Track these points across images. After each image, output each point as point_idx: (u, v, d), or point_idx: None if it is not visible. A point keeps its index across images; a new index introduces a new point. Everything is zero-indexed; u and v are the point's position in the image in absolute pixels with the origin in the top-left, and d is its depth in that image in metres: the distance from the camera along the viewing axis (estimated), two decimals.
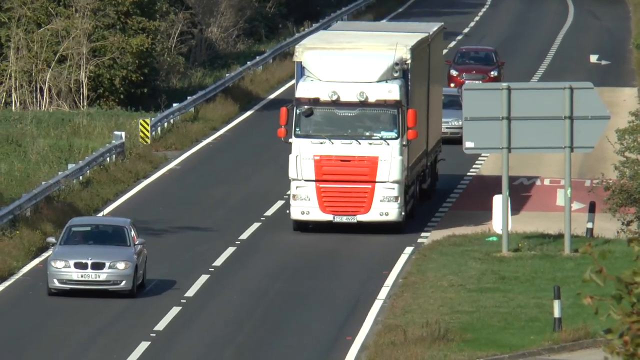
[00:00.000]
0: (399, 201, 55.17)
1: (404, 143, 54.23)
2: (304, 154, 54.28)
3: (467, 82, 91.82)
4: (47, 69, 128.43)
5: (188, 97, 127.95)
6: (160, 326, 65.04)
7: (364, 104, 53.09)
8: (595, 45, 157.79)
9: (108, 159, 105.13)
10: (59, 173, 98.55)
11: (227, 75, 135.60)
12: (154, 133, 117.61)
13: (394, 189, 54.76)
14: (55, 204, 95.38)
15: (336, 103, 53.46)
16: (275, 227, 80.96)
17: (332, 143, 53.68)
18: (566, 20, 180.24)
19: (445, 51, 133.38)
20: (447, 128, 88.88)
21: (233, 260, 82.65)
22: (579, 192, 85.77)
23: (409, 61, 54.82)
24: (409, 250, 70.43)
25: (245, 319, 69.41)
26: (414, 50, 56.31)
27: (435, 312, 71.92)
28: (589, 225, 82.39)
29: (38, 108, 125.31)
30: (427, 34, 62.68)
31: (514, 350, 66.95)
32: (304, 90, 53.98)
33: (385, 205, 54.73)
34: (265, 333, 68.85)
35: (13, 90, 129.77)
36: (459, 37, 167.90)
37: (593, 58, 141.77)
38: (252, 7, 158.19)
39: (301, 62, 55.15)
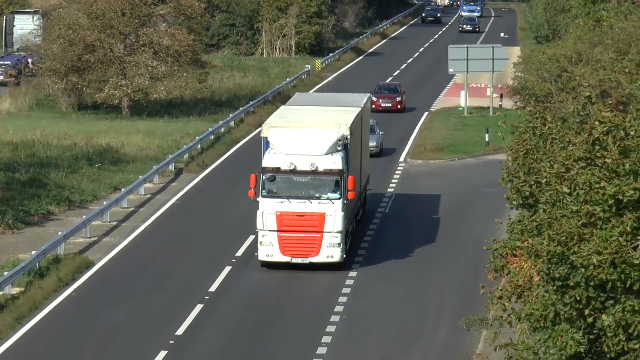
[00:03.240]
0: (341, 246, 41.84)
1: (345, 202, 41.61)
2: (268, 210, 41.33)
3: (382, 104, 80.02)
4: (276, 39, 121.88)
5: (336, 51, 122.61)
6: None
7: (314, 172, 41.18)
8: (502, 28, 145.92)
9: (303, 76, 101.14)
10: (282, 82, 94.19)
11: (351, 42, 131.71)
12: (323, 65, 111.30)
13: (337, 237, 41.59)
14: (281, 95, 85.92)
15: (293, 171, 41.30)
16: None
17: (290, 202, 41.61)
18: (490, 19, 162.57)
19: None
20: None
21: None
22: (496, 89, 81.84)
23: (348, 137, 43.07)
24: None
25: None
26: (352, 126, 44.49)
27: (437, 139, 71.02)
28: (500, 103, 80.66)
29: (274, 56, 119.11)
30: (360, 108, 49.38)
31: (469, 154, 66.89)
32: (269, 160, 41.61)
33: (330, 250, 41.80)
34: None
35: (264, 49, 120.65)
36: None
37: (502, 34, 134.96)
38: (361, 14, 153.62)
39: (266, 137, 43.09)
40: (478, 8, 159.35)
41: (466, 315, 30.22)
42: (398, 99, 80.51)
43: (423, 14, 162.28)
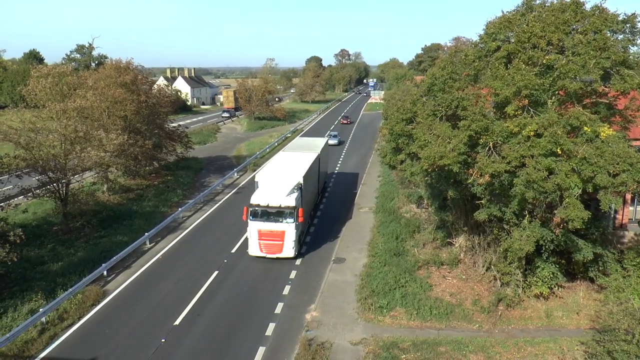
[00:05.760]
0: (294, 248, 39.14)
1: (297, 223, 38.88)
2: (253, 228, 38.86)
3: (343, 122, 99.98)
4: (339, 87, 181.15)
5: (349, 91, 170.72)
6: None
7: (280, 206, 38.51)
8: (381, 88, 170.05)
9: (344, 97, 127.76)
10: (339, 97, 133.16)
11: (350, 90, 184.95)
12: (347, 94, 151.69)
13: (292, 243, 38.96)
14: (340, 100, 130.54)
15: (268, 206, 38.71)
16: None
17: (265, 223, 38.67)
18: (379, 88, 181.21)
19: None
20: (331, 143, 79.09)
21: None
22: (380, 98, 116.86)
23: (302, 184, 40.49)
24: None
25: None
26: (305, 176, 41.79)
27: (368, 109, 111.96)
28: (382, 101, 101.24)
29: (338, 92, 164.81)
30: (318, 152, 48.91)
31: (376, 110, 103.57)
32: (255, 199, 39.00)
33: (288, 251, 38.95)
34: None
35: (336, 90, 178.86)
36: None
37: (381, 90, 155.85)
38: (355, 83, 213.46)
39: (257, 182, 40.74)
40: (374, 87, 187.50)
41: (375, 141, 66.71)
42: (349, 120, 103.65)
43: (356, 91, 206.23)
